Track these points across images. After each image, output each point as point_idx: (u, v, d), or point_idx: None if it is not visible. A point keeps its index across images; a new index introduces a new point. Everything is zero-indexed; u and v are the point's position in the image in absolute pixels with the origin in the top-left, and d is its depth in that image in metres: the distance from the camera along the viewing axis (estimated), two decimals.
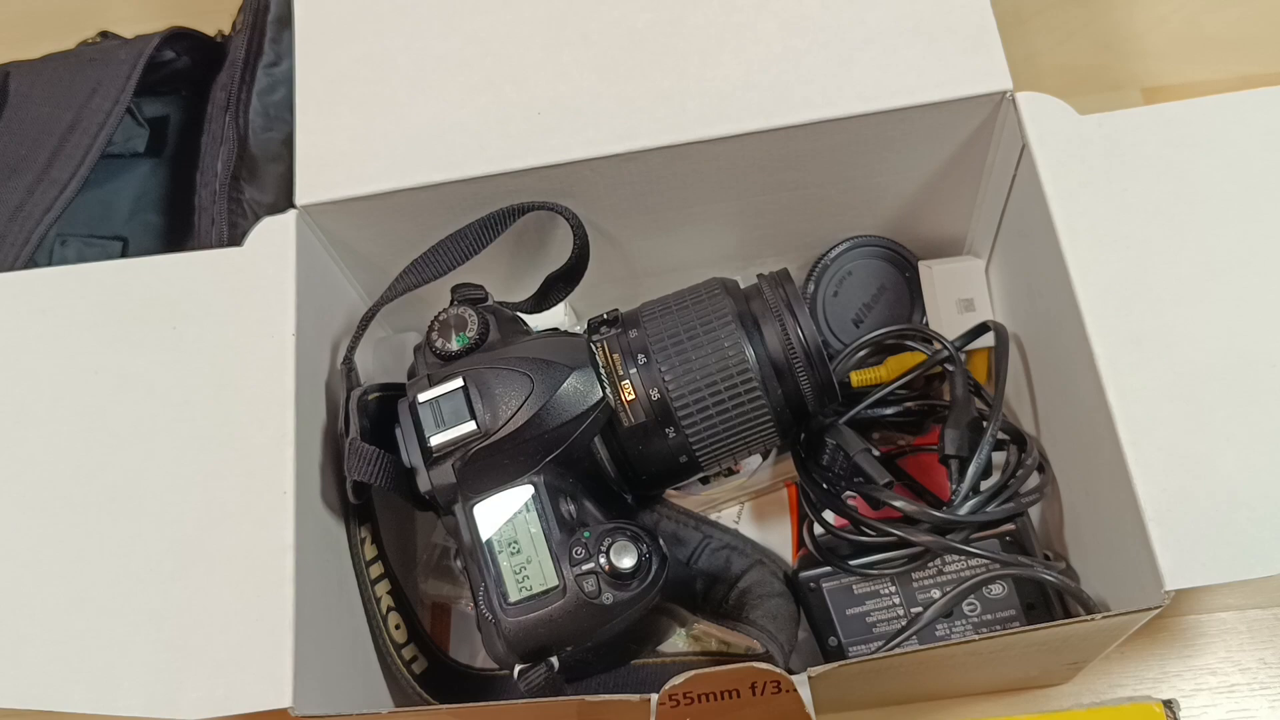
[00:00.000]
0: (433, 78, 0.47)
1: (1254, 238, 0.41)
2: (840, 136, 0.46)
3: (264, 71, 0.57)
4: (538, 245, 0.51)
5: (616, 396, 0.41)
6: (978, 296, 0.53)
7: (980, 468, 0.44)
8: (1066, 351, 0.42)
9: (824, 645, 0.49)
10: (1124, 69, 0.67)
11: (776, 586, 0.49)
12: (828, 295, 0.56)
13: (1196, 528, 0.37)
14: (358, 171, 0.46)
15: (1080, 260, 0.41)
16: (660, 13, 0.47)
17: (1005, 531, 0.45)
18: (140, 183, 0.59)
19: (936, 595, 0.46)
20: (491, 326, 0.43)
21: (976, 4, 0.46)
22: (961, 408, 0.46)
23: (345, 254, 0.49)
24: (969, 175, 0.50)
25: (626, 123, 0.45)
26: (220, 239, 0.53)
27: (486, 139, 0.46)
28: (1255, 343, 0.39)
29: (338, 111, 0.47)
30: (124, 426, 0.42)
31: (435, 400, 0.41)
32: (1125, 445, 0.38)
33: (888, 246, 0.56)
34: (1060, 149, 0.43)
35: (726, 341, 0.41)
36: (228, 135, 0.55)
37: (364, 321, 0.47)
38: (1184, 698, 0.51)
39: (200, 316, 0.43)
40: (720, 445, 0.42)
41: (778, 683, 0.39)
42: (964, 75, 0.45)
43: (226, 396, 0.42)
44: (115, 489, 0.41)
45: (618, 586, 0.39)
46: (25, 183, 0.52)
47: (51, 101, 0.54)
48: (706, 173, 0.48)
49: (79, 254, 0.57)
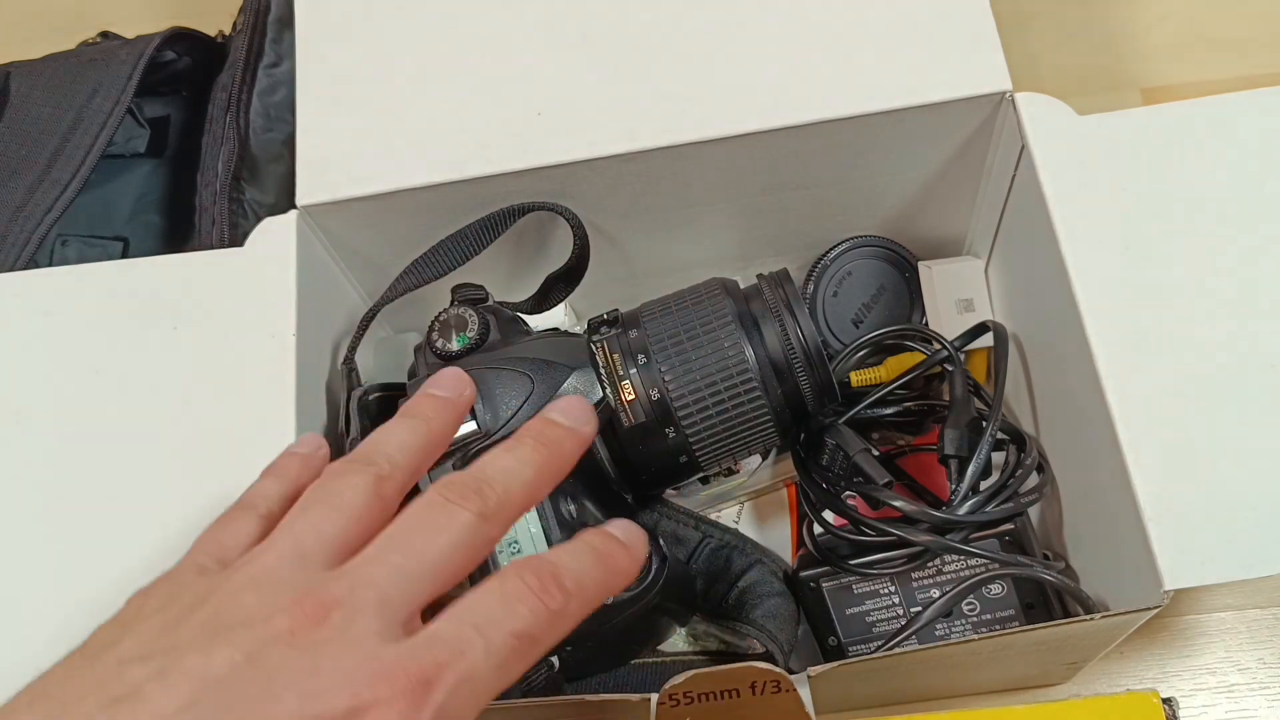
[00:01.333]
0: (433, 78, 0.47)
1: (1254, 238, 0.41)
2: (840, 136, 0.46)
3: (265, 72, 0.57)
4: (538, 245, 0.51)
5: (616, 396, 0.41)
6: (977, 297, 0.53)
7: (979, 468, 0.44)
8: (1066, 351, 0.42)
9: (824, 645, 0.49)
10: (1124, 69, 0.67)
11: (776, 586, 0.49)
12: (827, 295, 0.56)
13: (1196, 528, 0.37)
14: (358, 172, 0.46)
15: (1079, 260, 0.41)
16: (660, 13, 0.47)
17: (1004, 531, 0.45)
18: (141, 183, 0.59)
19: (936, 595, 0.46)
20: (492, 327, 0.43)
21: (976, 4, 0.46)
22: (961, 408, 0.46)
23: (346, 254, 0.49)
24: (969, 176, 0.50)
25: (626, 123, 0.46)
26: (221, 239, 0.53)
27: (487, 139, 0.46)
28: (1255, 343, 0.39)
29: (338, 112, 0.47)
30: (124, 426, 0.42)
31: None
32: (1124, 445, 0.38)
33: (887, 247, 0.56)
34: (1060, 149, 0.43)
35: (726, 342, 0.41)
36: (228, 136, 0.55)
37: (364, 322, 0.47)
38: (1183, 697, 0.51)
39: (201, 317, 0.43)
40: (720, 445, 0.42)
41: (778, 682, 0.39)
42: (964, 75, 0.45)
43: (227, 397, 0.42)
44: (116, 489, 0.41)
45: None
46: (26, 183, 0.52)
47: (52, 102, 0.54)
48: (706, 173, 0.48)
49: (80, 254, 0.57)
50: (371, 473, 0.30)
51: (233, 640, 0.26)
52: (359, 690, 0.25)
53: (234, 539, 0.32)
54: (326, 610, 0.26)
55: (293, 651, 0.26)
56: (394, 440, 0.32)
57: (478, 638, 0.27)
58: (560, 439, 0.32)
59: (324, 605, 0.26)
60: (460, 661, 0.26)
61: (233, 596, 0.27)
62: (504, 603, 0.28)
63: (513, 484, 0.30)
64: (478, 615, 0.27)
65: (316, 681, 0.25)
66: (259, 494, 0.33)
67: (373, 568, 0.28)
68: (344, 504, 0.29)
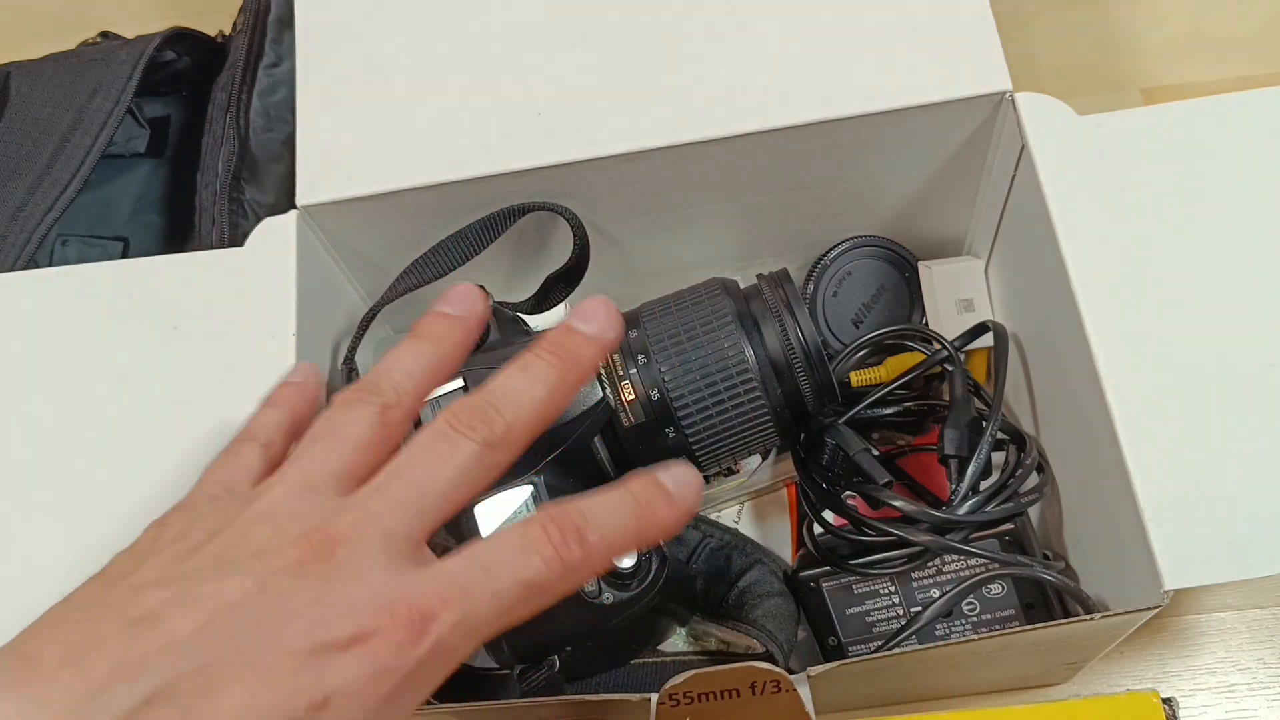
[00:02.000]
0: (433, 78, 0.47)
1: (1254, 238, 0.41)
2: (840, 136, 0.46)
3: (265, 72, 0.57)
4: (538, 246, 0.51)
5: (616, 396, 0.41)
6: (977, 297, 0.53)
7: (979, 467, 0.44)
8: (1066, 351, 0.42)
9: (824, 645, 0.49)
10: (1124, 69, 0.67)
11: (776, 586, 0.49)
12: (827, 295, 0.56)
13: (1195, 527, 0.37)
14: (358, 172, 0.46)
15: (1079, 260, 0.41)
16: (660, 13, 0.47)
17: (1004, 531, 0.45)
18: (141, 183, 0.59)
19: (936, 595, 0.46)
20: (492, 327, 0.43)
21: (976, 4, 0.46)
22: (961, 408, 0.46)
23: (346, 254, 0.49)
24: (968, 175, 0.50)
25: (626, 123, 0.46)
26: (221, 239, 0.53)
27: (487, 139, 0.46)
28: (1255, 343, 0.39)
29: (338, 112, 0.47)
30: (124, 426, 0.42)
31: (436, 400, 0.41)
32: (1124, 445, 0.38)
33: (887, 247, 0.56)
34: (1060, 149, 0.43)
35: (726, 342, 0.41)
36: (228, 136, 0.55)
37: (365, 322, 0.47)
38: (1183, 697, 0.51)
39: (201, 317, 0.44)
40: (720, 445, 0.42)
41: (778, 682, 0.39)
42: (964, 75, 0.45)
43: (227, 397, 0.42)
44: (115, 489, 0.41)
45: (618, 586, 0.39)
46: (26, 183, 0.52)
47: (52, 102, 0.54)
48: (706, 173, 0.48)
49: (80, 254, 0.57)
50: (377, 402, 0.31)
51: (245, 569, 0.27)
52: (362, 620, 0.26)
53: (240, 469, 0.33)
54: (333, 545, 0.27)
55: (301, 581, 0.27)
56: (401, 365, 0.32)
57: (485, 579, 0.28)
58: (578, 348, 0.32)
59: (330, 540, 0.27)
60: (464, 600, 0.27)
61: (245, 529, 0.28)
62: (520, 549, 0.28)
63: (524, 406, 0.30)
64: (491, 557, 0.28)
65: (322, 610, 0.26)
66: (259, 424, 0.35)
67: (377, 501, 0.29)
68: (349, 436, 0.30)
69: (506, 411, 0.30)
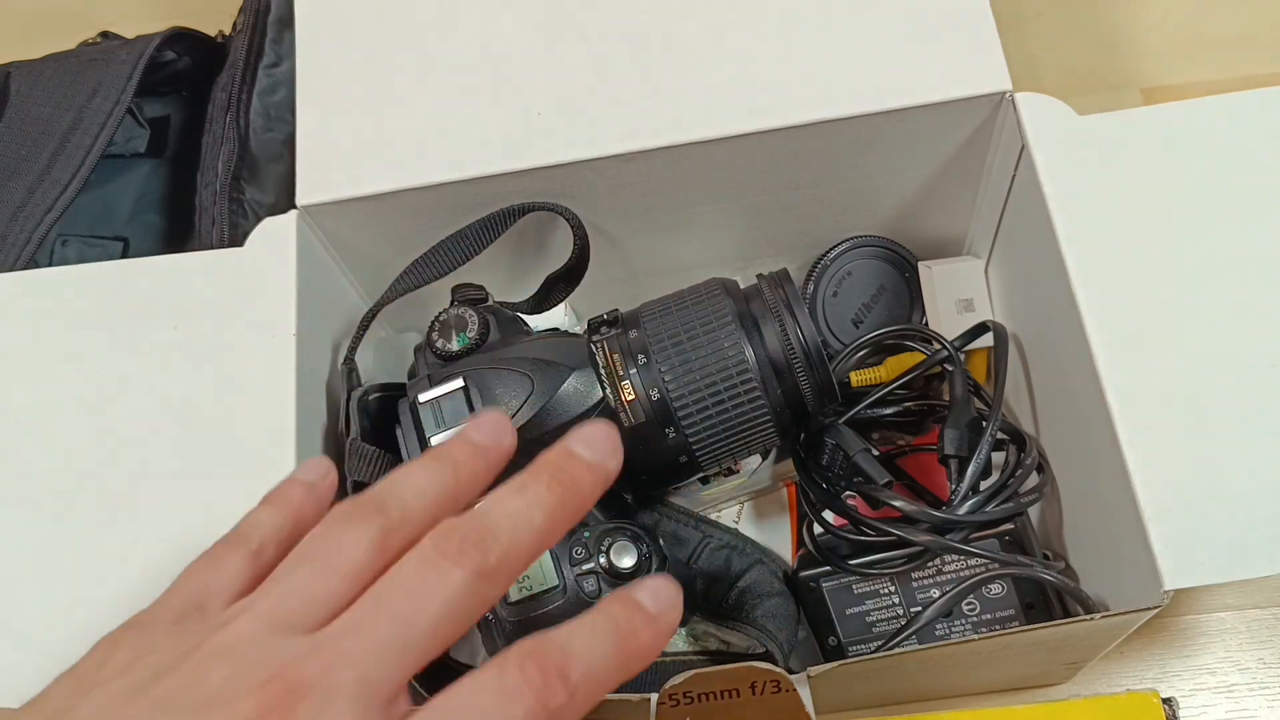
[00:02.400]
0: (433, 78, 0.47)
1: (1254, 238, 0.41)
2: (840, 136, 0.46)
3: (265, 72, 0.57)
4: (538, 246, 0.51)
5: (616, 397, 0.41)
6: (977, 296, 0.53)
7: (979, 467, 0.44)
8: (1066, 351, 0.42)
9: (824, 645, 0.49)
10: (1124, 69, 0.67)
11: (776, 586, 0.49)
12: (827, 295, 0.56)
13: (1196, 527, 0.37)
14: (358, 172, 0.46)
15: (1079, 260, 0.41)
16: (660, 13, 0.47)
17: (1004, 531, 0.45)
18: (141, 183, 0.59)
19: (936, 595, 0.46)
20: (492, 327, 0.43)
21: (976, 4, 0.46)
22: (961, 408, 0.46)
23: (346, 254, 0.49)
24: (968, 175, 0.50)
25: (626, 123, 0.46)
26: (221, 239, 0.53)
27: (487, 139, 0.46)
28: (1255, 342, 0.39)
29: (338, 112, 0.47)
30: (124, 426, 0.42)
31: (436, 400, 0.41)
32: (1124, 445, 0.38)
33: (887, 247, 0.56)
34: (1060, 149, 0.43)
35: (726, 342, 0.41)
36: (228, 136, 0.55)
37: (365, 322, 0.47)
38: (1183, 697, 0.51)
39: (201, 317, 0.44)
40: (720, 445, 0.42)
41: (777, 682, 0.39)
42: (964, 75, 0.45)
43: (227, 397, 0.42)
44: (115, 489, 0.41)
45: (617, 586, 0.39)
46: (26, 183, 0.52)
47: (52, 102, 0.54)
48: (706, 173, 0.48)
49: (80, 254, 0.57)
50: (379, 524, 0.27)
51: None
52: None
53: (220, 579, 0.29)
54: (298, 695, 0.24)
55: None
56: (413, 485, 0.28)
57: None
58: (579, 476, 0.28)
59: (296, 688, 0.24)
60: None
61: (200, 667, 0.25)
62: (499, 699, 0.25)
63: (520, 532, 0.27)
64: (469, 708, 0.25)
65: None
66: (253, 525, 0.31)
67: (354, 641, 0.25)
68: (341, 563, 0.27)
69: (504, 537, 0.27)
